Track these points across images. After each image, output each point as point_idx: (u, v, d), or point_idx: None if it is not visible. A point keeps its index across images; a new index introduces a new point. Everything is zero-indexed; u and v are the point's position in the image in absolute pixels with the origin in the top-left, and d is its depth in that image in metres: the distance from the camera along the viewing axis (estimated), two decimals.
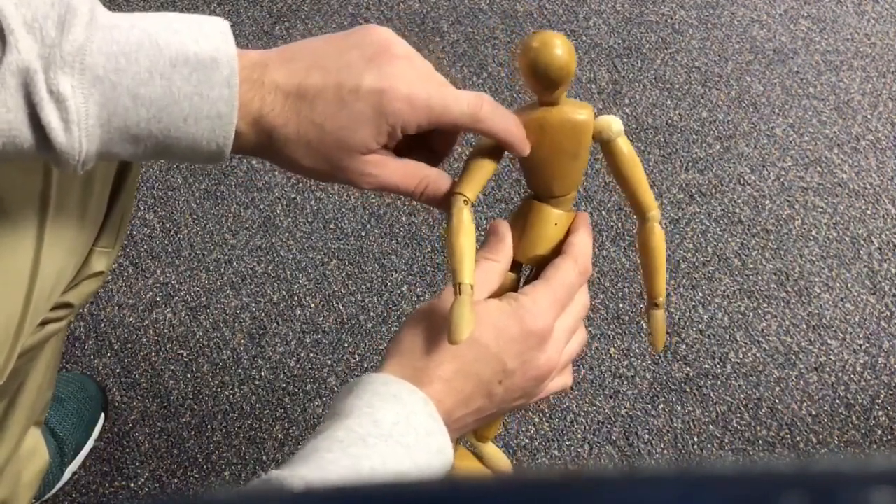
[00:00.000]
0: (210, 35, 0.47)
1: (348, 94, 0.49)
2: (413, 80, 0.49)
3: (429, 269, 1.13)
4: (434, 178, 0.54)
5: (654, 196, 0.57)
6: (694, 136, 1.25)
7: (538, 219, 0.57)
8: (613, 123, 0.54)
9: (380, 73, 0.49)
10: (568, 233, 0.57)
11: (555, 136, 0.53)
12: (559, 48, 0.49)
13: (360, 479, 0.43)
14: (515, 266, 0.58)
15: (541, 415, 1.02)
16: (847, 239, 1.15)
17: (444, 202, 0.54)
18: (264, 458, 1.00)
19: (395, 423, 0.48)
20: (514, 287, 0.58)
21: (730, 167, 1.22)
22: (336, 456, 0.45)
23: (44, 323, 0.63)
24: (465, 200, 0.53)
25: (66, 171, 0.46)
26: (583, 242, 0.56)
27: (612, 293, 1.10)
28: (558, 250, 0.57)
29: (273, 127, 0.49)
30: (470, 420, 0.53)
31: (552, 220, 0.56)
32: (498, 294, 0.55)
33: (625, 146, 0.55)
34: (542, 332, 0.53)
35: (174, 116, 0.46)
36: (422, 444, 0.48)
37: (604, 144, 0.55)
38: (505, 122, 0.52)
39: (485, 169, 0.54)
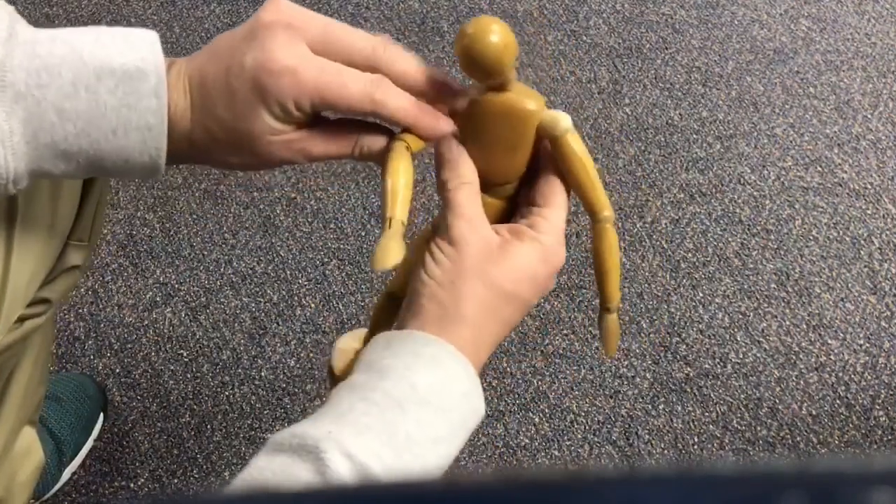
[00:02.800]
0: (136, 46, 0.45)
1: (235, 80, 0.46)
2: (300, 53, 0.46)
3: None
4: (367, 137, 0.51)
5: (607, 197, 0.53)
6: (694, 136, 1.25)
7: None
8: (561, 119, 0.50)
9: (259, 48, 0.46)
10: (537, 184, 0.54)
11: (496, 122, 0.50)
12: (495, 34, 0.45)
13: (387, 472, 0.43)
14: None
15: (541, 415, 1.02)
16: (847, 239, 1.15)
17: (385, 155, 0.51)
18: None
19: (431, 385, 0.47)
20: (505, 212, 0.55)
21: (730, 167, 1.22)
22: (373, 420, 0.45)
23: (21, 319, 0.63)
24: (406, 147, 0.50)
25: None
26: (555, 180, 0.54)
27: None
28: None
29: (186, 131, 0.47)
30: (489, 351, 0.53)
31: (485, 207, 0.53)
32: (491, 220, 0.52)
33: (574, 144, 0.51)
34: (561, 263, 0.52)
35: (102, 130, 0.45)
36: (458, 407, 0.48)
37: (552, 141, 0.51)
38: (407, 105, 0.49)
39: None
